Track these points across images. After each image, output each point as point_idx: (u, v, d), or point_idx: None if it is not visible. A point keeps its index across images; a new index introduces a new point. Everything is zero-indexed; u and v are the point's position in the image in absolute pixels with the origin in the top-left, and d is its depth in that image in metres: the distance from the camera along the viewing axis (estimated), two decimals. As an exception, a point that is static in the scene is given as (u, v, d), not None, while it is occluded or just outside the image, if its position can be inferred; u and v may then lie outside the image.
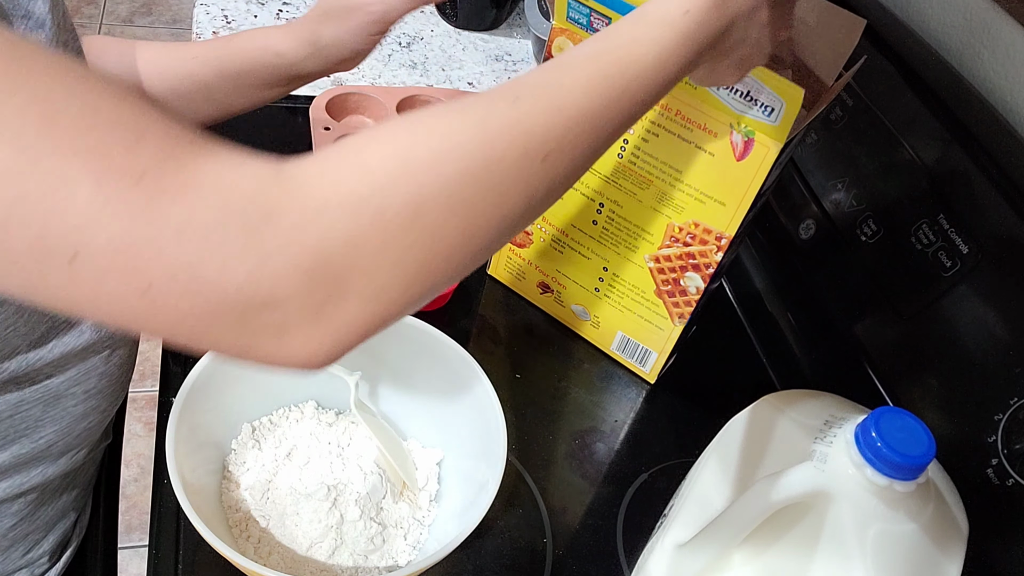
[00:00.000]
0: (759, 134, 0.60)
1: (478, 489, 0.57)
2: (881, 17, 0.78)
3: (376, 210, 0.32)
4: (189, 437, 0.55)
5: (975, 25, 0.70)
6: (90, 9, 2.58)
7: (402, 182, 0.33)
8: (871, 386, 0.71)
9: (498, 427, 0.59)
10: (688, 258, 0.69)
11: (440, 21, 1.22)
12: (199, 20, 1.08)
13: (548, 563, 0.64)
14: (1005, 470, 0.57)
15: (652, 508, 0.64)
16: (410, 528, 0.60)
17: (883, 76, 0.75)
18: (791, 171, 0.84)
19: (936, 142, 0.68)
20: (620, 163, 0.69)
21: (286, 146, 0.93)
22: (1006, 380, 0.59)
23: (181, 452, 0.53)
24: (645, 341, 0.77)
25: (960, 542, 0.50)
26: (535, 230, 0.79)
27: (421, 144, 0.34)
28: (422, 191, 0.33)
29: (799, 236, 0.83)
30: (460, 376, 0.63)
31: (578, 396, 0.78)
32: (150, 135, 0.30)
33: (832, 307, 0.79)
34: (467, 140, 0.34)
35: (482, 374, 0.61)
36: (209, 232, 0.29)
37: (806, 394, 0.58)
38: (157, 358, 0.71)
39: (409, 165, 0.33)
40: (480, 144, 0.35)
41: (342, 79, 1.05)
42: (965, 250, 0.64)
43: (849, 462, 0.45)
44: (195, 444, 0.57)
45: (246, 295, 0.30)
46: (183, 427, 0.55)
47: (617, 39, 0.41)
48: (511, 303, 0.85)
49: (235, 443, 0.62)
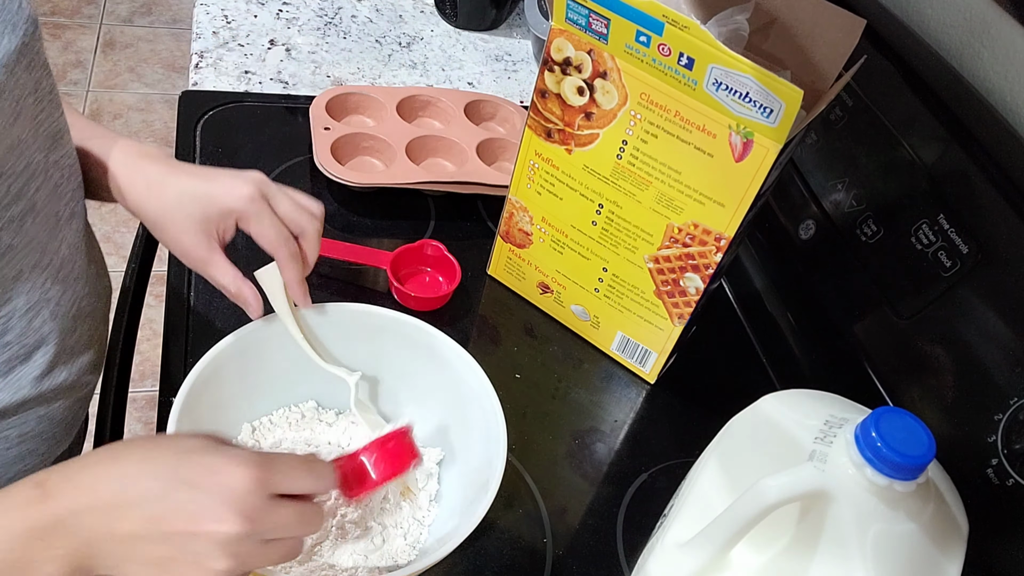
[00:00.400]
0: (758, 135, 0.60)
1: (478, 489, 0.57)
2: (881, 17, 0.78)
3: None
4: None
5: (975, 25, 0.70)
6: (90, 9, 2.58)
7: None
8: (871, 386, 0.71)
9: (498, 427, 0.59)
10: (687, 259, 0.69)
11: (440, 21, 1.22)
12: (199, 20, 1.08)
13: (548, 563, 0.64)
14: (1005, 470, 0.57)
15: (652, 508, 0.64)
16: (410, 528, 0.60)
17: (883, 76, 0.75)
18: (791, 171, 0.84)
19: (936, 142, 0.68)
20: (619, 164, 0.69)
21: (286, 146, 0.93)
22: (1006, 380, 0.59)
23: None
24: (645, 341, 0.77)
25: (960, 542, 0.50)
26: (535, 231, 0.79)
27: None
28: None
29: (799, 236, 0.83)
30: (460, 376, 0.63)
31: (578, 396, 0.78)
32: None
33: (832, 307, 0.79)
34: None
35: (482, 374, 0.61)
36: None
37: (806, 394, 0.58)
38: (157, 358, 0.71)
39: None
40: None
41: (342, 79, 1.05)
42: (965, 250, 0.64)
43: (849, 462, 0.45)
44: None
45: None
46: (183, 427, 0.55)
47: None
48: (511, 303, 0.85)
49: (235, 443, 0.62)
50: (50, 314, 0.56)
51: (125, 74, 2.39)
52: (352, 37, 1.13)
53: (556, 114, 0.70)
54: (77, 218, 0.59)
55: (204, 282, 0.77)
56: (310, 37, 1.10)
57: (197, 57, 1.02)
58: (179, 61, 2.47)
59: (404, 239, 0.85)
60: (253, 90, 0.99)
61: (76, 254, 0.59)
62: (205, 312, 0.74)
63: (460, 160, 0.93)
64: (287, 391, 0.66)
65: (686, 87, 0.61)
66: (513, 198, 0.79)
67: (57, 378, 0.58)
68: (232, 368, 0.60)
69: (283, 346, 0.62)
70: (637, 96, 0.64)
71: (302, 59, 1.06)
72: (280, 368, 0.63)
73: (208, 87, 0.98)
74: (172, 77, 2.41)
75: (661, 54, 0.60)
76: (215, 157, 0.89)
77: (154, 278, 0.85)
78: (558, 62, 0.67)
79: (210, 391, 0.58)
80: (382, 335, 0.64)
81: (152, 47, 2.50)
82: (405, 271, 0.82)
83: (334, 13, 1.17)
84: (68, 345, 0.59)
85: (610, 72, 0.64)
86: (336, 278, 0.81)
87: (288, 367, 0.63)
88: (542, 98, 0.70)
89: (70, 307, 0.58)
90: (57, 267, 0.56)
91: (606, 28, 0.62)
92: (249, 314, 0.60)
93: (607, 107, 0.67)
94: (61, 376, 0.59)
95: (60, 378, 0.59)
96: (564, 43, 0.65)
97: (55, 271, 0.56)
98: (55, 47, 2.39)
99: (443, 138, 0.94)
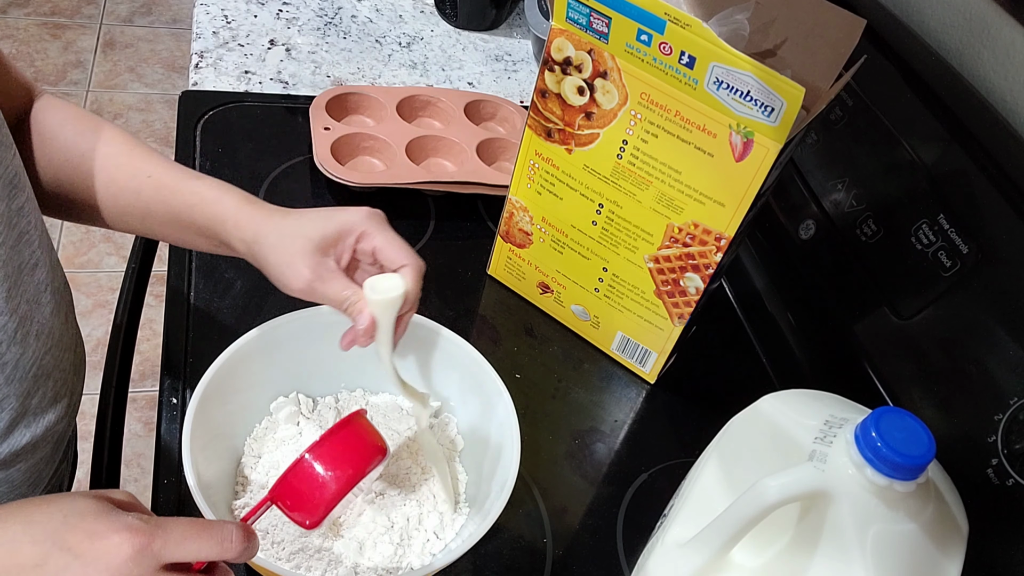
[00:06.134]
0: (758, 135, 0.60)
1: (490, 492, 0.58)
2: (881, 17, 0.78)
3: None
4: (205, 433, 0.56)
5: (975, 25, 0.70)
6: (90, 9, 2.58)
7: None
8: (871, 386, 0.71)
9: (512, 430, 0.59)
10: (688, 258, 0.69)
11: (440, 21, 1.22)
12: (199, 20, 1.08)
13: (548, 563, 0.64)
14: (1005, 470, 0.57)
15: (652, 508, 0.64)
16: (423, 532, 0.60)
17: (883, 76, 0.74)
18: (791, 171, 0.84)
19: (936, 142, 0.68)
20: (620, 164, 0.69)
21: (286, 146, 0.93)
22: (1006, 380, 0.59)
23: (197, 446, 0.54)
24: (645, 341, 0.77)
25: (960, 542, 0.50)
26: (535, 230, 0.79)
27: None
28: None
29: (799, 236, 0.83)
30: (477, 380, 0.63)
31: (578, 396, 0.78)
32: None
33: (832, 307, 0.78)
34: None
35: (496, 377, 0.62)
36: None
37: (806, 394, 0.58)
38: (157, 358, 0.71)
39: None
40: None
41: (342, 79, 1.05)
42: (965, 250, 0.64)
43: (849, 462, 0.45)
44: (210, 438, 0.57)
45: None
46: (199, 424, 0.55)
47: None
48: (511, 303, 0.85)
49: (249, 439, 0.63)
50: (5, 379, 0.52)
51: (125, 74, 2.39)
52: (352, 37, 1.13)
53: (556, 114, 0.70)
54: (41, 266, 0.56)
55: (204, 282, 0.77)
56: (310, 37, 1.10)
57: (197, 57, 1.02)
58: (179, 61, 2.47)
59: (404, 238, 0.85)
60: (253, 90, 0.99)
61: (35, 310, 0.55)
62: (205, 312, 0.74)
63: (460, 160, 0.93)
64: (315, 381, 0.66)
65: (687, 86, 0.61)
66: (513, 198, 0.79)
67: (18, 441, 0.55)
68: (254, 361, 0.60)
69: (309, 343, 0.62)
70: (637, 96, 0.64)
71: (302, 59, 1.06)
72: (307, 362, 0.64)
73: (208, 87, 0.98)
74: (172, 77, 2.42)
75: (662, 53, 0.60)
76: (215, 157, 0.89)
77: (154, 278, 0.85)
78: (558, 62, 0.67)
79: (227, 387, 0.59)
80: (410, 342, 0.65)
81: (152, 47, 2.50)
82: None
83: (334, 13, 1.17)
84: (29, 406, 0.56)
85: (610, 72, 0.64)
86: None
87: (317, 359, 0.64)
88: (542, 98, 0.70)
89: (29, 368, 0.55)
90: (13, 329, 0.52)
91: (607, 27, 0.62)
92: (357, 324, 0.55)
93: (607, 107, 0.67)
94: (24, 439, 0.56)
95: (22, 440, 0.56)
96: (564, 43, 0.65)
97: (10, 333, 0.52)
98: (55, 47, 2.40)
99: (443, 138, 0.94)
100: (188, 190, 0.59)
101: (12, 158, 0.52)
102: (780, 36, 0.64)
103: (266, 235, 0.56)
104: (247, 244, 0.57)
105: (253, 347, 0.60)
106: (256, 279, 0.78)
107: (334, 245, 0.56)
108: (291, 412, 0.64)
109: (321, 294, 0.55)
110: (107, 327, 0.80)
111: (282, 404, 0.64)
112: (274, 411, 0.64)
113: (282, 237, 0.55)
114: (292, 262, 0.55)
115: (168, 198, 0.59)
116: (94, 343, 1.71)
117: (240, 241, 0.57)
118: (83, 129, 0.61)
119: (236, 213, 0.57)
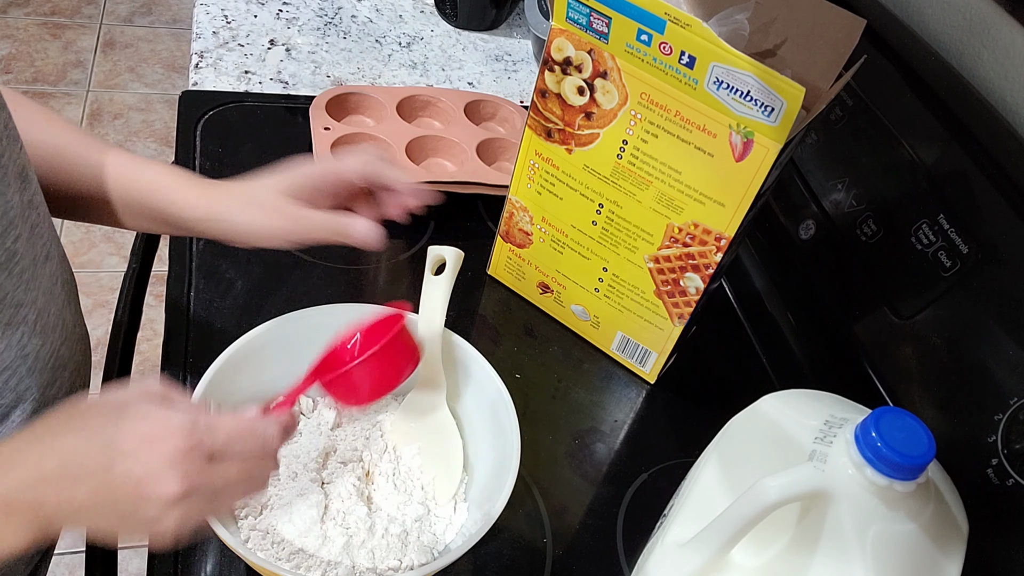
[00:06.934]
0: (758, 135, 0.60)
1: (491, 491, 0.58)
2: (881, 17, 0.78)
3: None
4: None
5: (975, 25, 0.70)
6: (90, 9, 2.58)
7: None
8: (871, 386, 0.71)
9: (512, 432, 0.59)
10: (688, 258, 0.69)
11: (440, 21, 1.22)
12: (199, 20, 1.08)
13: (548, 563, 0.64)
14: (1005, 470, 0.57)
15: (652, 508, 0.64)
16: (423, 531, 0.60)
17: (883, 76, 0.75)
18: (791, 171, 0.84)
19: (936, 142, 0.68)
20: (619, 164, 0.69)
21: (286, 146, 0.93)
22: (1006, 380, 0.59)
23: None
24: (645, 341, 0.77)
25: (960, 542, 0.50)
26: (535, 230, 0.79)
27: None
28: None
29: (799, 236, 0.83)
30: (478, 382, 0.64)
31: (578, 396, 0.78)
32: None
33: (832, 307, 0.79)
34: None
35: (497, 377, 0.62)
36: None
37: (806, 394, 0.58)
38: (157, 358, 0.71)
39: None
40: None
41: (342, 79, 1.05)
42: (965, 250, 0.64)
43: (849, 462, 0.45)
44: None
45: None
46: None
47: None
48: (511, 303, 0.85)
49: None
50: (27, 370, 0.54)
51: (125, 74, 2.39)
52: (352, 37, 1.13)
53: (556, 114, 0.70)
54: (52, 258, 0.56)
55: (204, 282, 0.77)
56: (310, 37, 1.10)
57: (197, 57, 1.02)
58: (179, 61, 2.47)
59: (404, 239, 0.85)
60: (253, 90, 0.99)
61: (51, 301, 0.56)
62: (205, 313, 0.74)
63: (460, 160, 0.93)
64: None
65: (687, 86, 0.61)
66: (513, 198, 0.79)
67: None
68: (254, 361, 0.60)
69: (310, 343, 0.62)
70: (637, 96, 0.64)
71: (302, 59, 1.06)
72: (307, 362, 0.63)
73: (208, 87, 0.98)
74: (172, 77, 2.42)
75: (662, 53, 0.60)
76: (215, 157, 0.89)
77: (154, 278, 0.85)
78: (558, 62, 0.67)
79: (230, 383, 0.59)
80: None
81: (152, 47, 2.50)
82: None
83: (334, 13, 1.17)
84: (49, 397, 0.57)
85: (610, 72, 0.64)
86: (334, 276, 0.81)
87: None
88: (542, 98, 0.70)
89: (48, 359, 0.56)
90: (33, 320, 0.53)
91: (607, 27, 0.62)
92: (358, 234, 0.57)
93: (607, 107, 0.67)
94: None
95: None
96: (564, 43, 0.65)
97: (31, 325, 0.53)
98: (55, 47, 2.40)
99: (443, 138, 0.94)
100: (144, 178, 0.60)
101: (20, 151, 0.52)
102: (780, 36, 0.64)
103: (222, 208, 0.58)
104: (201, 222, 0.58)
105: (253, 347, 0.60)
106: (257, 279, 0.79)
107: (305, 190, 0.58)
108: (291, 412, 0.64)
109: (306, 234, 0.57)
110: (107, 327, 0.80)
111: None
112: None
113: (245, 202, 0.57)
114: (264, 218, 0.57)
115: (125, 186, 0.60)
116: (94, 343, 1.70)
117: (195, 221, 0.58)
118: (39, 119, 0.60)
119: (183, 194, 0.59)
